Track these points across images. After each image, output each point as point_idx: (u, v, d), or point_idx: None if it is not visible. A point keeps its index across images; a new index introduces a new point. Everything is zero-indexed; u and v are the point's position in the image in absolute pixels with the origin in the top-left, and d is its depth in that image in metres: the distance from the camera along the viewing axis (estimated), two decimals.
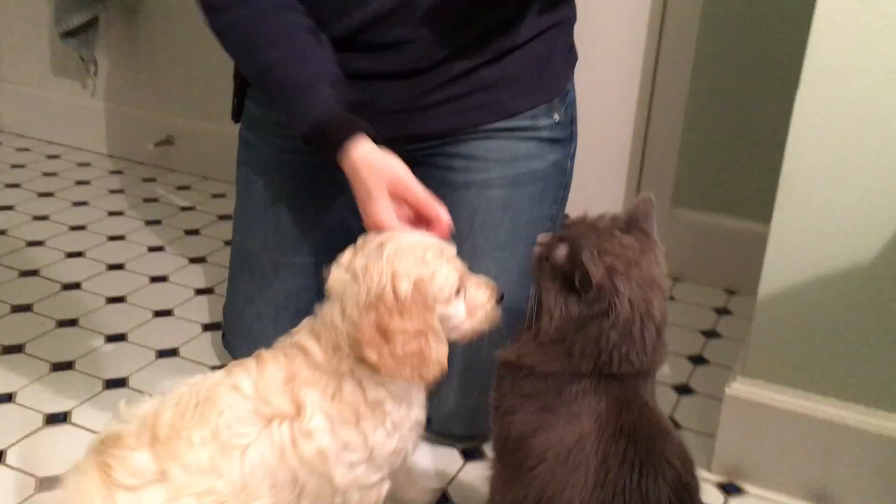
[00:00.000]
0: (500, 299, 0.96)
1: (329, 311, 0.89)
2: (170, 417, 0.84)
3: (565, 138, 1.27)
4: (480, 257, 1.18)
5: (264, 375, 0.87)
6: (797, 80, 1.03)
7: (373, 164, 1.00)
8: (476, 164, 1.21)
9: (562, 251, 0.84)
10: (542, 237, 0.89)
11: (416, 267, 0.87)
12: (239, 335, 1.34)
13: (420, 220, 1.00)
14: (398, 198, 0.99)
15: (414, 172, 1.24)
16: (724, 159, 1.76)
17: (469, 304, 0.92)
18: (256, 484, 0.84)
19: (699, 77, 1.72)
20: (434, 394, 1.23)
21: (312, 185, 1.13)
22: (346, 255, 0.91)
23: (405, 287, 0.85)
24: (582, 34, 1.31)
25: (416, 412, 0.95)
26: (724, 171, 1.77)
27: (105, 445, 0.83)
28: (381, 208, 0.97)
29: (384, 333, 0.83)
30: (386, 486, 0.96)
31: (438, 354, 0.86)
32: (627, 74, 1.78)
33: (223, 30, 1.13)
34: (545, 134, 1.24)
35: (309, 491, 0.87)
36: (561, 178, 1.27)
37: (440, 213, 0.98)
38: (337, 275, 0.90)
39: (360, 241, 0.92)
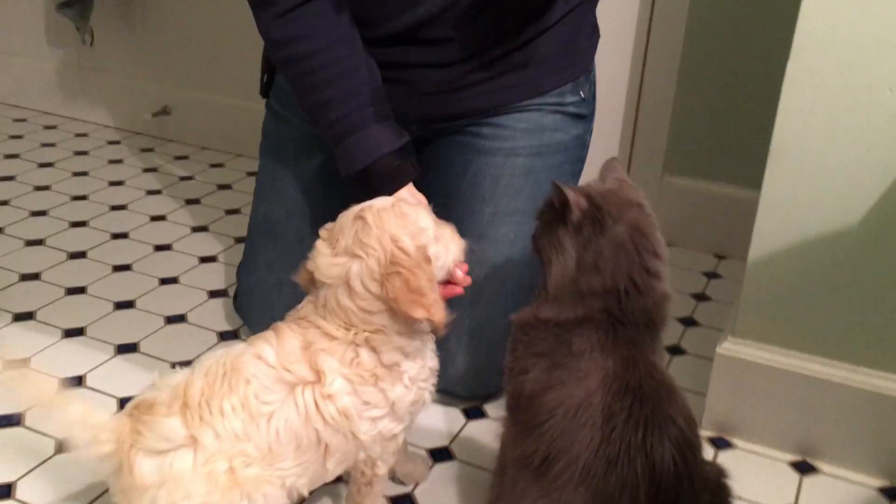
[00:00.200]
0: None
1: (330, 297, 0.91)
2: (199, 387, 0.86)
3: (588, 114, 1.33)
4: (500, 221, 1.23)
5: (284, 345, 0.91)
6: (788, 50, 1.06)
7: None
8: (504, 132, 1.26)
9: (546, 214, 0.91)
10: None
11: (401, 222, 0.91)
12: (256, 301, 1.37)
13: None
14: None
15: (444, 141, 1.29)
16: (714, 128, 1.80)
17: (442, 240, 0.97)
18: (281, 448, 0.87)
19: (690, 46, 1.75)
20: (441, 355, 1.29)
21: None
22: (323, 246, 0.93)
23: (408, 243, 0.90)
24: None
25: (431, 362, 1.00)
26: (714, 139, 1.81)
27: (138, 411, 0.86)
28: None
29: (417, 291, 0.88)
30: (402, 436, 1.01)
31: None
32: (619, 43, 1.80)
33: (283, 63, 1.17)
34: (571, 109, 1.29)
35: (334, 449, 0.92)
36: (580, 152, 1.33)
37: None
38: (328, 263, 0.91)
39: (325, 230, 0.95)
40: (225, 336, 1.48)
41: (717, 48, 1.73)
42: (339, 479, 1.09)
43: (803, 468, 1.21)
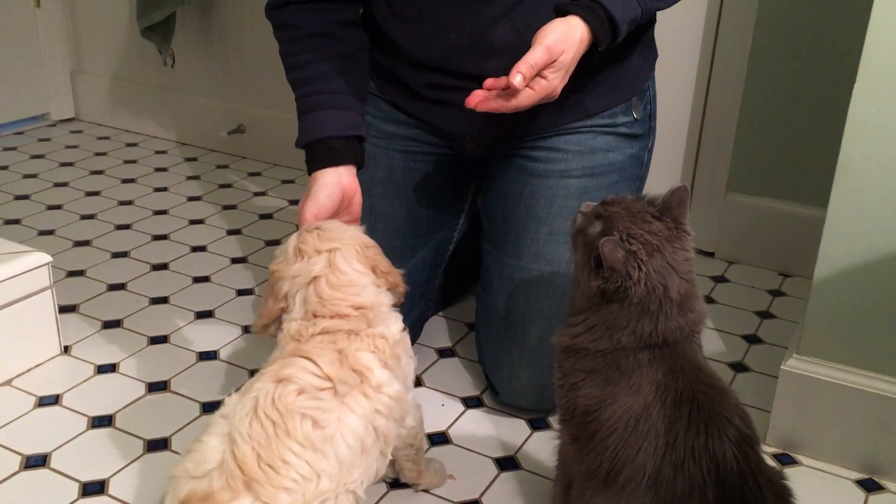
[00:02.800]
0: None
1: (311, 295, 1.01)
2: (252, 453, 0.84)
3: (643, 133, 1.34)
4: (556, 241, 1.27)
5: (322, 362, 0.93)
6: (853, 68, 1.08)
7: (316, 196, 1.20)
8: (557, 155, 1.30)
9: (596, 228, 0.92)
10: (586, 206, 0.97)
11: (350, 230, 1.08)
12: None
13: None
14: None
15: (502, 163, 1.35)
16: (779, 145, 1.80)
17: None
18: (350, 458, 0.90)
19: (756, 64, 1.76)
20: (506, 370, 1.33)
21: (429, 176, 1.30)
22: (287, 260, 1.06)
23: (368, 238, 1.09)
24: None
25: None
26: (779, 157, 1.81)
27: None
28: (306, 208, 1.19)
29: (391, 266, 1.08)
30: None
31: None
32: (685, 61, 1.83)
33: (278, 41, 1.33)
34: (623, 130, 1.31)
35: (391, 438, 0.98)
36: (637, 171, 1.35)
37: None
38: (306, 265, 1.03)
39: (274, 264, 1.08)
40: None
41: (783, 65, 1.74)
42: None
43: (869, 486, 1.21)
